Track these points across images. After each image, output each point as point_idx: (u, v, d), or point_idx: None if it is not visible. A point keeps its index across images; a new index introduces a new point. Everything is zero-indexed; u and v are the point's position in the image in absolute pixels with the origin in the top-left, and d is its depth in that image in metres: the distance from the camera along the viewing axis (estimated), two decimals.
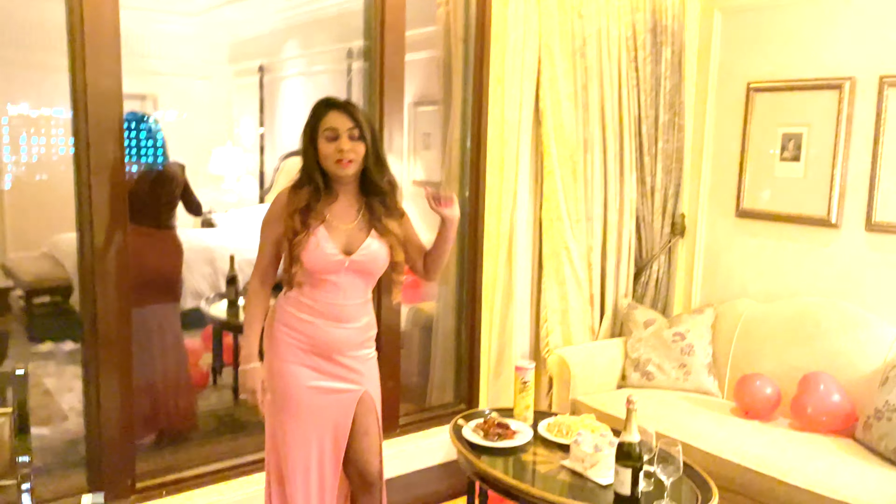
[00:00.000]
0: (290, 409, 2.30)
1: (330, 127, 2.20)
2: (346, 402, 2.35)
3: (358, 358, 2.36)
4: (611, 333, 3.85)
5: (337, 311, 2.28)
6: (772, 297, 3.60)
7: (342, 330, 2.30)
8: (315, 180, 2.23)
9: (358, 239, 2.27)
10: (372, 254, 2.27)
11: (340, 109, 2.22)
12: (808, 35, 3.46)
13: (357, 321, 2.33)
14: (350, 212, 2.29)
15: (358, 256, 2.25)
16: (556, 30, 3.51)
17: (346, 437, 2.36)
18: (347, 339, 2.31)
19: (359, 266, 2.26)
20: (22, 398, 2.13)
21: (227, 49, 7.17)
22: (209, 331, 4.80)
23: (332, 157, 2.20)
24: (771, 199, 3.64)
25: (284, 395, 2.30)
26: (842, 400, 2.99)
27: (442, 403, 3.94)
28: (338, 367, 2.32)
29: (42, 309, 5.06)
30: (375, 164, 2.26)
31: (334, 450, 2.36)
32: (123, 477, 2.81)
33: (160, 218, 3.70)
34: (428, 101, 4.73)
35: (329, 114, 2.21)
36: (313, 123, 2.23)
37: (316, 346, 2.28)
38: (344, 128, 2.19)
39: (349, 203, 2.30)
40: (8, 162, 5.64)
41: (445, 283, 3.98)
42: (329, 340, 2.29)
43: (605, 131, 3.69)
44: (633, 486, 2.21)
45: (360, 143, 2.21)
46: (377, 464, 2.44)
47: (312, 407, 2.30)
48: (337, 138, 2.19)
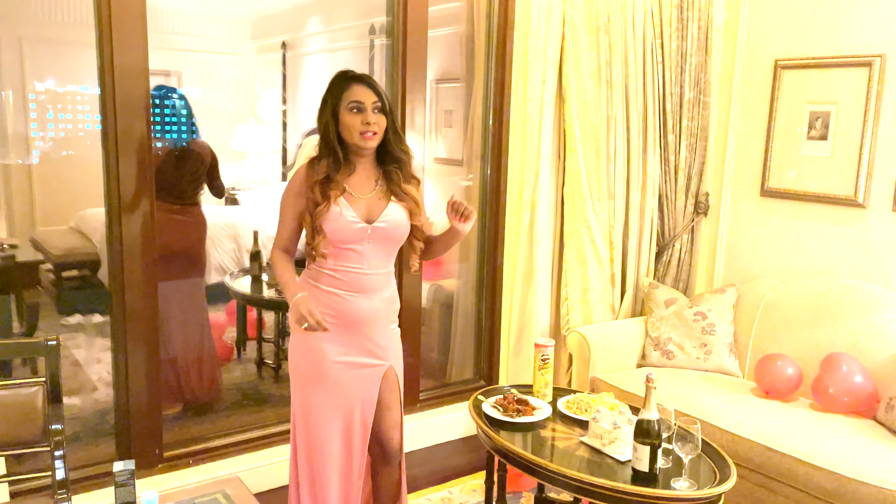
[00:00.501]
0: (317, 383, 2.33)
1: (355, 100, 2.22)
2: (371, 377, 2.38)
3: (384, 333, 2.39)
4: (632, 313, 3.85)
5: (361, 281, 2.30)
6: (796, 277, 3.57)
7: (367, 301, 2.32)
8: (336, 152, 2.25)
9: (378, 207, 2.29)
10: (393, 220, 2.30)
11: (363, 83, 2.24)
12: (838, 11, 3.39)
13: (382, 292, 2.35)
14: (368, 183, 2.32)
15: (380, 223, 2.27)
16: (580, 6, 3.47)
17: (372, 411, 2.39)
18: (373, 311, 2.34)
19: (381, 233, 2.28)
20: (54, 367, 2.18)
21: (251, 26, 7.18)
22: (233, 305, 4.88)
23: (358, 129, 2.22)
24: (797, 178, 3.60)
25: (311, 370, 2.34)
26: (864, 381, 2.98)
27: (462, 380, 3.98)
28: (364, 342, 2.34)
29: (70, 282, 5.16)
30: (394, 134, 2.30)
31: (361, 424, 2.39)
32: (151, 446, 2.89)
33: (186, 193, 3.73)
34: (450, 77, 4.71)
35: (353, 87, 2.23)
36: (335, 96, 2.24)
37: (342, 319, 2.30)
38: (369, 101, 2.22)
39: (367, 174, 2.33)
40: (36, 137, 5.72)
41: (466, 261, 4.00)
42: (355, 312, 2.31)
43: (629, 109, 3.66)
44: (651, 463, 2.23)
45: (382, 115, 2.25)
46: (398, 438, 2.48)
47: (339, 381, 2.33)
48: (362, 111, 2.21)
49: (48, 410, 2.17)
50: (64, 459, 2.14)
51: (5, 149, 5.62)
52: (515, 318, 3.71)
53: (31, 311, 4.39)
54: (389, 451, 2.48)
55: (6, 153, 5.64)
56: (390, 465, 2.51)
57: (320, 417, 2.35)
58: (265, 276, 4.44)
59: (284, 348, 4.64)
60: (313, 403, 2.35)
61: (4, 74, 5.54)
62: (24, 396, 2.16)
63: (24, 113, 5.66)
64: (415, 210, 2.35)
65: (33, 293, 4.83)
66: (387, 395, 2.43)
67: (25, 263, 4.89)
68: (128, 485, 1.76)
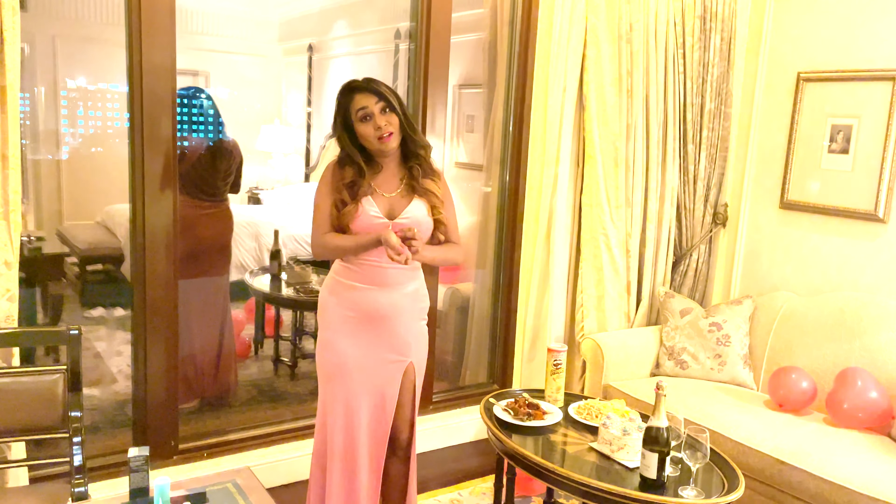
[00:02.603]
0: (341, 378, 2.39)
1: (361, 108, 2.27)
2: (393, 372, 2.44)
3: (408, 329, 2.44)
4: (646, 321, 3.85)
5: (380, 275, 2.35)
6: (813, 290, 3.55)
7: (386, 295, 2.36)
8: (357, 161, 2.31)
9: (401, 205, 2.36)
10: (415, 217, 2.34)
11: (364, 90, 2.29)
12: (861, 25, 3.38)
13: (402, 287, 2.39)
14: (393, 181, 2.38)
15: (401, 220, 2.33)
16: (602, 14, 3.49)
17: (393, 405, 2.45)
18: (393, 305, 2.38)
19: (402, 229, 2.31)
20: (75, 356, 2.24)
21: (278, 28, 7.27)
22: (252, 303, 4.94)
23: (373, 135, 2.28)
24: (817, 191, 3.58)
25: (335, 366, 2.40)
26: (879, 397, 2.95)
27: (476, 383, 4.00)
28: (387, 337, 2.40)
29: (94, 276, 5.26)
30: (409, 128, 2.34)
31: (382, 418, 2.45)
32: (167, 438, 2.94)
33: (217, 191, 3.83)
34: (473, 83, 4.75)
35: (356, 97, 2.29)
36: (344, 108, 2.31)
37: (361, 312, 2.36)
38: (374, 105, 2.27)
39: (392, 173, 2.39)
40: (66, 134, 5.84)
41: (483, 266, 4.02)
42: (373, 306, 2.36)
43: (649, 118, 3.66)
44: (659, 470, 2.23)
45: (392, 114, 2.29)
46: (407, 433, 2.54)
47: (361, 374, 2.39)
48: (371, 117, 2.27)
49: (68, 398, 2.23)
50: (82, 446, 2.19)
51: (36, 144, 5.75)
52: (530, 324, 3.72)
53: (56, 302, 4.48)
54: (397, 444, 2.54)
55: (37, 148, 5.77)
56: (397, 457, 2.56)
57: (345, 411, 2.40)
58: (284, 275, 4.50)
59: (301, 347, 4.70)
60: (339, 398, 2.40)
61: (38, 71, 5.67)
62: (45, 383, 2.22)
63: (55, 109, 5.79)
64: (437, 204, 2.39)
65: (58, 285, 4.93)
66: (403, 392, 2.47)
67: (51, 256, 5.00)
68: (142, 470, 1.81)
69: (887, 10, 3.28)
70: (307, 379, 4.46)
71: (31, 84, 5.59)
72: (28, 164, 5.56)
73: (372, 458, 2.47)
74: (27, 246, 4.29)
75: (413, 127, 2.37)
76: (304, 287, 4.40)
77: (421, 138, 2.40)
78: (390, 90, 2.31)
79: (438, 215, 2.40)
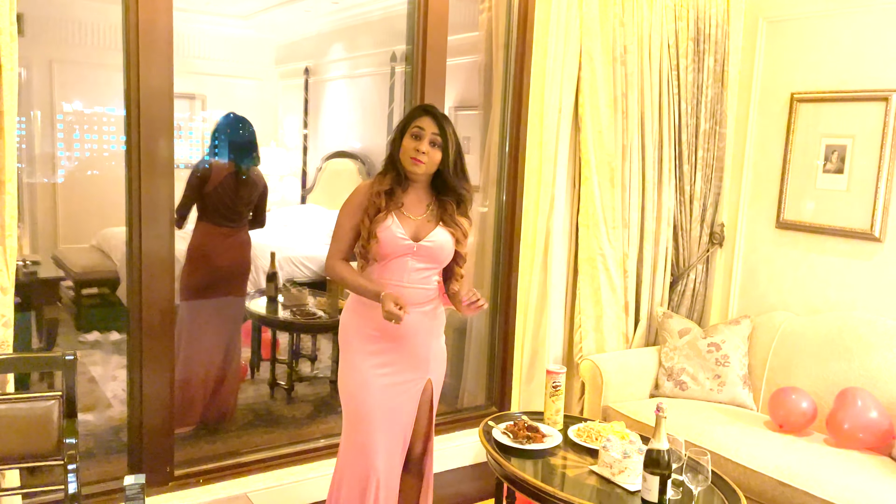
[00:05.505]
0: (363, 398, 2.42)
1: (418, 126, 2.36)
2: (413, 392, 2.49)
3: (427, 347, 2.48)
4: (645, 342, 3.84)
5: (399, 294, 2.35)
6: (811, 310, 3.55)
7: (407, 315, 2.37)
8: (397, 169, 2.40)
9: (426, 229, 2.41)
10: (439, 242, 2.40)
11: (431, 115, 2.38)
12: (855, 46, 3.41)
13: (420, 306, 2.42)
14: (420, 206, 2.44)
15: (426, 242, 2.38)
16: (597, 37, 3.52)
17: (412, 424, 2.51)
18: (414, 324, 2.40)
19: (426, 251, 2.38)
20: (70, 382, 2.22)
21: (274, 51, 7.32)
22: (248, 326, 4.92)
23: (409, 152, 2.35)
24: (813, 211, 3.59)
25: (358, 387, 2.42)
26: (879, 417, 2.94)
27: (474, 405, 3.97)
28: (407, 356, 2.44)
29: (90, 300, 5.24)
30: (454, 172, 2.40)
31: (403, 437, 2.49)
32: (163, 464, 2.90)
33: (241, 216, 3.88)
34: (468, 105, 4.77)
35: (422, 116, 2.38)
36: (407, 120, 2.40)
37: (385, 332, 2.38)
38: (429, 130, 2.35)
39: (418, 198, 2.44)
40: (62, 157, 5.85)
41: (480, 287, 4.01)
42: (396, 325, 2.37)
43: (644, 139, 3.68)
44: (660, 493, 2.21)
45: (438, 150, 2.36)
46: (420, 447, 2.58)
47: (384, 397, 2.42)
48: (420, 138, 2.34)
49: (63, 424, 2.20)
50: (77, 473, 2.16)
51: (32, 167, 5.75)
52: (528, 345, 3.71)
53: (51, 327, 4.45)
54: (410, 457, 2.56)
55: (32, 172, 5.77)
56: (409, 472, 2.58)
57: (367, 430, 2.42)
58: (280, 298, 4.48)
59: (297, 370, 4.66)
60: (362, 418, 2.42)
61: (34, 95, 5.69)
62: (40, 410, 2.20)
63: (51, 133, 5.80)
64: (461, 240, 2.47)
65: (53, 309, 4.90)
66: (420, 407, 2.52)
67: (47, 280, 4.97)
68: (137, 499, 1.79)
69: (879, 32, 3.31)
70: (304, 403, 4.43)
71: (27, 108, 5.60)
72: (24, 187, 5.56)
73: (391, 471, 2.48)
74: (22, 270, 4.26)
75: (462, 172, 2.43)
76: (301, 310, 4.38)
77: (468, 183, 2.46)
78: (454, 134, 2.38)
79: (461, 249, 2.47)
